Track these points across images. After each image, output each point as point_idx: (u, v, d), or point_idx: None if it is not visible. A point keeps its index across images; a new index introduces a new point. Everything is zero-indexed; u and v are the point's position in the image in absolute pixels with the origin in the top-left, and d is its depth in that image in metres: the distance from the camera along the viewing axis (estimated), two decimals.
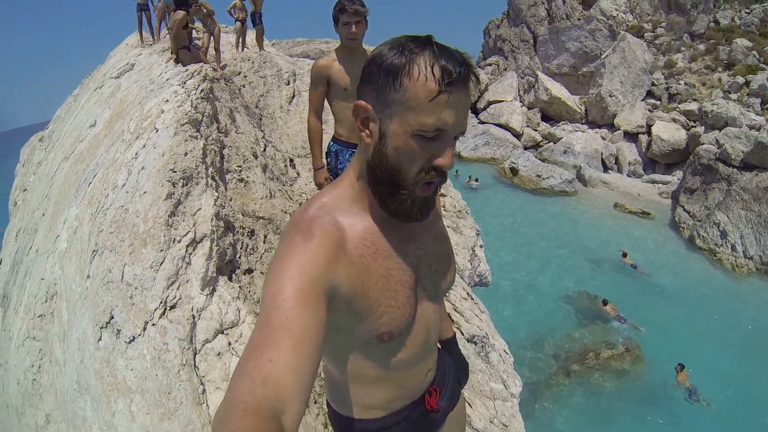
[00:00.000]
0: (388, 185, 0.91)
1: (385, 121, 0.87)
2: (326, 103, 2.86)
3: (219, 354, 2.23)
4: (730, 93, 20.72)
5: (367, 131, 0.91)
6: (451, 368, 1.36)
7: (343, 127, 2.83)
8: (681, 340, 9.85)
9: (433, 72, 0.81)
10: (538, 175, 19.58)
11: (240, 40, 10.40)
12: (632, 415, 8.00)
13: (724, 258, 13.32)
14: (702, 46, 24.03)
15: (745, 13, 24.24)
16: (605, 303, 10.89)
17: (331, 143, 2.90)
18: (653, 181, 19.78)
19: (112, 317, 2.31)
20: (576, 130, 24.00)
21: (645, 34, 26.52)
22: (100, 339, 2.31)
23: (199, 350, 2.23)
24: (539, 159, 21.92)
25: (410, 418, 1.17)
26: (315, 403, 2.52)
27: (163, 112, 3.48)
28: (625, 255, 13.42)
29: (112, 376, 2.18)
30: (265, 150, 4.67)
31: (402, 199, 0.92)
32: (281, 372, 0.66)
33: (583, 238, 14.95)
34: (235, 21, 10.50)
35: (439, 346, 1.35)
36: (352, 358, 1.05)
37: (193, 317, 2.28)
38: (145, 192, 2.69)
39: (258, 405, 0.62)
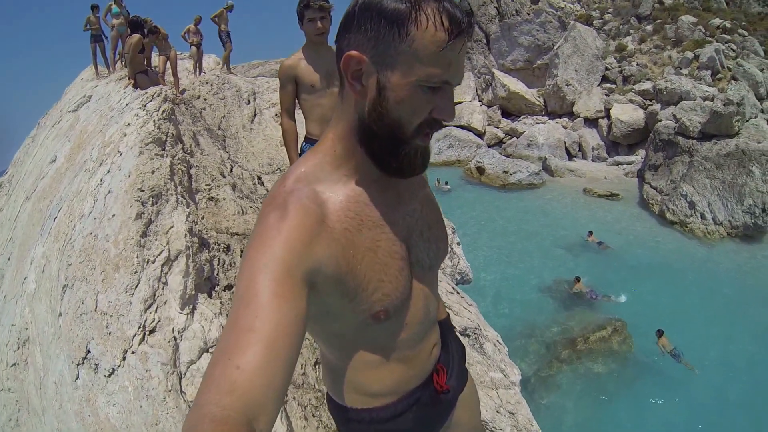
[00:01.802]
0: (387, 141, 0.85)
1: (384, 73, 0.80)
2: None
3: None
4: (681, 69, 21.40)
5: (359, 85, 0.83)
6: (454, 344, 1.28)
7: (314, 124, 2.77)
8: (664, 311, 10.02)
9: (442, 21, 0.77)
10: (505, 171, 19.62)
11: (197, 64, 10.30)
12: (627, 391, 8.09)
13: (695, 227, 13.65)
14: (649, 27, 24.81)
15: None
16: (578, 280, 11.08)
17: (304, 144, 2.84)
18: (618, 163, 20.24)
19: (89, 351, 2.18)
20: (537, 123, 24.37)
21: (594, 22, 27.22)
22: (77, 377, 2.18)
23: (185, 373, 2.11)
24: (504, 155, 22.07)
25: (422, 401, 1.08)
26: (314, 416, 2.44)
27: (125, 135, 3.36)
28: (590, 234, 13.62)
29: (94, 415, 2.05)
30: (231, 170, 4.56)
31: (404, 154, 0.86)
32: (250, 378, 0.61)
33: (557, 227, 15.07)
34: (190, 46, 10.41)
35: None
36: (351, 343, 0.97)
37: (175, 339, 2.17)
38: (113, 215, 2.57)
39: (226, 415, 0.57)
